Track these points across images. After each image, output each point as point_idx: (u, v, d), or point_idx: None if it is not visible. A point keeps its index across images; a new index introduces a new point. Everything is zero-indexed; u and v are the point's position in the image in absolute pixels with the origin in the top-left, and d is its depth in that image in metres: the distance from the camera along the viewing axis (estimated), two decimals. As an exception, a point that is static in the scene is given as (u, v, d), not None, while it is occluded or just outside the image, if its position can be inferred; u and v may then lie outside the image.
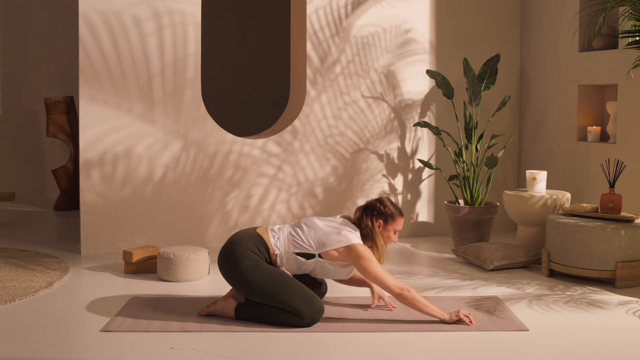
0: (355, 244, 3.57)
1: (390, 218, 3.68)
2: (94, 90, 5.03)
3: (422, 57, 5.86)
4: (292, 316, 3.48)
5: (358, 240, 3.59)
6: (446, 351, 3.21)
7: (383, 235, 3.68)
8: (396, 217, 3.69)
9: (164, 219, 5.24)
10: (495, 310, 3.75)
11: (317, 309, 3.51)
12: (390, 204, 3.72)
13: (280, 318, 3.49)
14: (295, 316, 3.47)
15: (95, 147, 5.06)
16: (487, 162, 5.31)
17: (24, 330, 3.41)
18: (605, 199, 4.46)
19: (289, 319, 3.48)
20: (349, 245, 3.56)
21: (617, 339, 3.38)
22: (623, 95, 5.02)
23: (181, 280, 4.38)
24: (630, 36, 4.34)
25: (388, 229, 3.68)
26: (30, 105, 7.99)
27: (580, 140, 5.50)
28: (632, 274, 4.27)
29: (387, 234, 3.68)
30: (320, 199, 5.66)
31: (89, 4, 4.97)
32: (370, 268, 3.52)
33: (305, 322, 3.47)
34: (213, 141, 5.33)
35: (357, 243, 3.57)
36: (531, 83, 6.04)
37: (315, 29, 5.56)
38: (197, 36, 5.24)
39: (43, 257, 4.92)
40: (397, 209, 3.72)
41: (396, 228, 3.70)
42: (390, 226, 3.68)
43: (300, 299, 3.48)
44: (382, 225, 3.67)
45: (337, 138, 5.68)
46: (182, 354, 3.11)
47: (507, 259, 4.72)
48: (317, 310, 3.51)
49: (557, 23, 5.66)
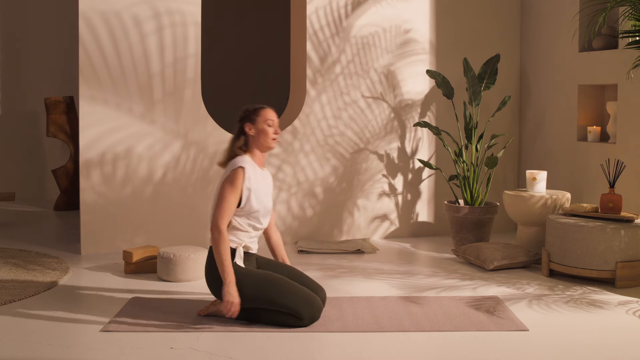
0: (224, 183, 3.49)
1: (253, 114, 3.59)
2: (94, 90, 5.03)
3: (422, 57, 5.86)
4: (291, 317, 3.47)
5: (229, 176, 3.49)
6: (446, 351, 3.21)
7: (260, 135, 3.58)
8: (259, 110, 3.60)
9: (164, 219, 5.24)
10: (495, 310, 3.75)
11: (316, 307, 3.50)
12: (246, 107, 3.65)
13: (280, 319, 3.48)
14: (294, 317, 3.46)
15: (95, 147, 5.06)
16: (487, 162, 5.31)
17: (24, 330, 3.41)
18: (605, 199, 4.46)
19: (289, 319, 3.47)
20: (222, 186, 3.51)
21: (617, 339, 3.38)
22: (623, 95, 5.02)
23: (181, 280, 4.38)
24: (630, 36, 4.34)
25: (260, 126, 3.57)
26: (30, 105, 7.99)
27: (580, 140, 5.50)
28: (632, 274, 4.27)
29: (262, 130, 3.57)
30: (320, 199, 5.66)
31: (89, 4, 4.97)
32: (217, 204, 3.45)
33: (304, 322, 3.46)
34: (213, 141, 5.33)
35: (226, 180, 3.49)
36: (531, 83, 6.04)
37: (315, 29, 5.56)
38: (197, 36, 5.24)
39: (43, 257, 4.92)
40: (256, 105, 3.64)
41: (268, 118, 3.58)
42: (260, 121, 3.58)
43: (297, 300, 3.46)
44: (252, 127, 3.59)
45: (337, 138, 5.68)
46: (182, 354, 3.11)
47: (507, 259, 4.72)
48: (316, 309, 3.50)
49: (557, 23, 5.67)
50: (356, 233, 5.79)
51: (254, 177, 3.56)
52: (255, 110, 3.61)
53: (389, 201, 5.86)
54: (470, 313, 3.71)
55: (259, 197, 3.57)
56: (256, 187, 3.56)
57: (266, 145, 3.61)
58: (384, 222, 5.86)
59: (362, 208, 5.78)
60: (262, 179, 3.65)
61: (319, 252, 5.23)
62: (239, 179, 3.49)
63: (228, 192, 3.48)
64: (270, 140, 3.60)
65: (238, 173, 3.50)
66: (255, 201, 3.55)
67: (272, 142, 3.61)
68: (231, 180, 3.49)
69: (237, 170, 3.51)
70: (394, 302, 3.90)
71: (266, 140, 3.59)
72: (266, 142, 3.60)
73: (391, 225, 5.88)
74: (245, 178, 3.51)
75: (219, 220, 3.45)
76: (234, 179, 3.49)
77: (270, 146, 3.62)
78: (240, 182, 3.49)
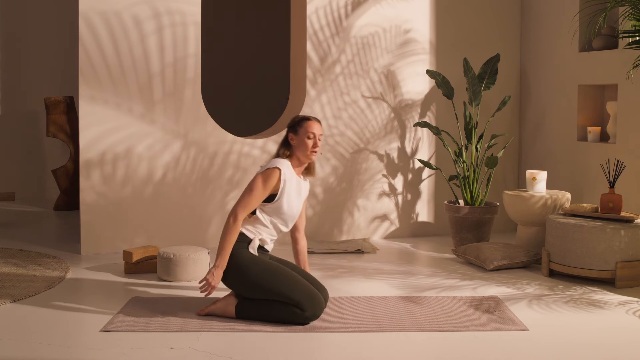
0: (257, 176, 3.60)
1: (297, 125, 3.69)
2: (94, 90, 5.03)
3: (422, 57, 5.86)
4: (294, 310, 3.47)
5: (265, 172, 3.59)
6: (446, 351, 3.21)
7: (300, 146, 3.67)
8: (303, 122, 3.69)
9: (164, 219, 5.24)
10: (495, 310, 3.75)
11: (317, 302, 3.52)
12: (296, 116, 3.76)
13: (281, 313, 3.49)
14: (297, 309, 3.47)
15: (95, 147, 5.06)
16: (487, 162, 5.31)
17: (24, 330, 3.41)
18: (605, 199, 4.46)
19: (290, 314, 3.47)
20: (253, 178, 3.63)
21: (617, 339, 3.38)
22: (623, 95, 5.02)
23: (181, 280, 4.38)
24: (630, 36, 4.34)
25: (301, 137, 3.66)
26: (30, 105, 7.99)
27: (580, 140, 5.50)
28: (632, 274, 4.27)
29: (302, 142, 3.66)
30: (320, 199, 5.66)
31: (89, 4, 4.97)
32: (243, 193, 3.57)
33: (306, 315, 3.47)
34: (213, 141, 5.34)
35: (260, 174, 3.59)
36: (531, 83, 6.04)
37: (315, 29, 5.56)
38: (197, 36, 5.24)
39: (43, 257, 4.92)
40: (303, 116, 3.74)
41: (309, 131, 3.66)
42: (302, 133, 3.66)
43: (301, 292, 3.50)
44: (294, 137, 3.69)
45: (337, 138, 5.68)
46: (182, 354, 3.11)
47: (507, 259, 4.72)
48: (318, 304, 3.52)
49: (557, 23, 5.67)
50: (356, 233, 5.79)
51: (289, 181, 3.66)
52: (300, 122, 3.71)
53: (389, 201, 5.86)
54: (470, 313, 3.71)
55: (290, 202, 3.68)
56: (289, 191, 3.66)
57: (304, 157, 3.70)
58: (384, 222, 5.86)
59: (362, 208, 5.78)
60: (297, 185, 3.73)
61: (319, 252, 5.23)
62: (272, 178, 3.59)
63: (257, 186, 3.57)
64: (308, 152, 3.68)
65: (274, 172, 3.60)
66: (286, 204, 3.66)
67: (311, 154, 3.69)
68: (265, 176, 3.59)
69: (274, 170, 3.61)
70: (394, 302, 3.90)
71: (304, 152, 3.68)
72: (304, 154, 3.69)
73: (391, 225, 5.89)
74: (281, 180, 3.61)
75: (239, 208, 3.54)
76: (267, 176, 3.59)
77: (309, 158, 3.70)
78: (273, 182, 3.58)
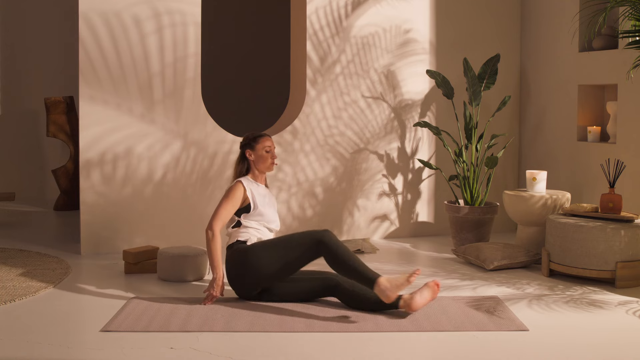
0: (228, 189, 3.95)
1: (253, 142, 4.05)
2: (94, 90, 5.03)
3: (422, 57, 5.86)
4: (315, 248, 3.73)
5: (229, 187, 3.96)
6: (446, 351, 3.22)
7: (259, 160, 4.04)
8: (258, 138, 4.06)
9: (164, 219, 5.24)
10: (495, 310, 3.75)
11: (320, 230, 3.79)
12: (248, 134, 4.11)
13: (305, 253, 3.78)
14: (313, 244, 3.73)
15: (95, 147, 5.06)
16: (487, 162, 5.31)
17: (24, 330, 3.41)
18: (605, 199, 4.46)
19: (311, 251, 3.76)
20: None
21: (617, 339, 3.38)
22: (623, 95, 5.02)
23: (181, 280, 4.38)
24: (630, 36, 4.34)
25: (259, 152, 4.04)
26: (30, 105, 7.99)
27: (580, 140, 5.50)
28: (632, 274, 4.27)
29: (260, 156, 4.04)
30: (320, 199, 5.66)
31: (89, 4, 4.97)
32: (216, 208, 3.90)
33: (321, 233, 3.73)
34: (213, 141, 5.34)
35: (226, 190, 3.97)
36: (531, 83, 6.04)
37: (315, 29, 5.56)
38: (197, 36, 5.24)
39: (43, 257, 4.92)
40: (255, 133, 4.10)
41: (265, 145, 4.04)
42: (259, 148, 4.04)
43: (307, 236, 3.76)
44: (251, 153, 4.05)
45: (337, 138, 5.68)
46: (182, 354, 3.11)
47: (507, 259, 4.72)
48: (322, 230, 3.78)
49: (557, 23, 5.67)
50: (356, 233, 5.79)
51: (255, 189, 4.01)
52: (255, 139, 4.07)
53: (389, 201, 5.86)
54: (470, 313, 3.71)
55: (263, 207, 4.01)
56: (260, 198, 4.01)
57: (265, 168, 4.09)
58: (384, 222, 5.86)
59: (362, 208, 5.78)
60: (264, 191, 4.08)
61: (319, 252, 5.22)
62: (236, 190, 3.94)
63: (225, 200, 3.92)
64: (268, 164, 4.07)
65: (236, 185, 3.97)
66: (261, 207, 3.99)
67: (271, 166, 4.08)
68: (229, 191, 3.95)
69: (236, 184, 3.98)
70: (394, 302, 3.90)
71: (265, 164, 4.07)
72: (265, 166, 4.07)
73: (391, 225, 5.89)
74: (246, 189, 3.96)
75: (213, 221, 3.89)
76: (230, 190, 3.95)
77: (270, 169, 4.09)
78: (239, 193, 3.94)
